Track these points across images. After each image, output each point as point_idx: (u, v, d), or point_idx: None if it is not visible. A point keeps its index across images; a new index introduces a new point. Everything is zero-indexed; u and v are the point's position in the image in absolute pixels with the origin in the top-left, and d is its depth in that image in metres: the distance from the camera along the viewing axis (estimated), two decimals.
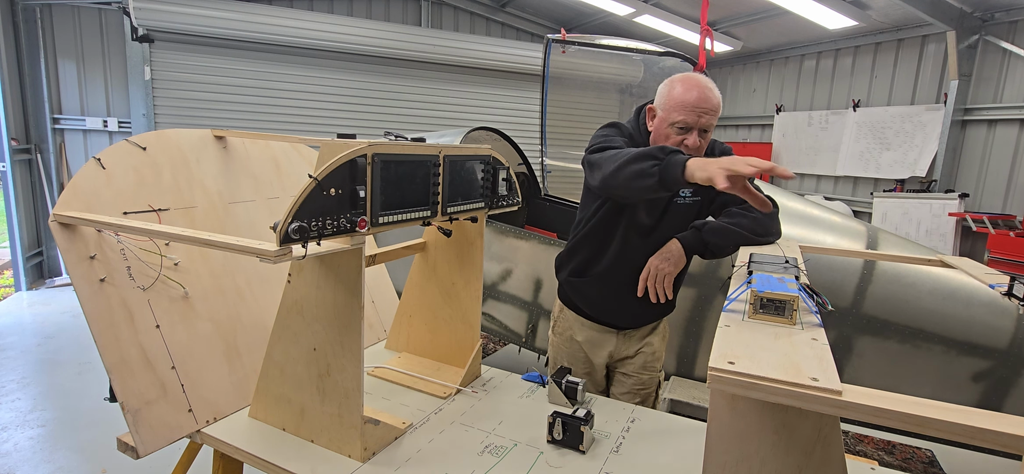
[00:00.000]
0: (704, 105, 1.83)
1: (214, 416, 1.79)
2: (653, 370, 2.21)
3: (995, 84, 6.91)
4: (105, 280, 1.67)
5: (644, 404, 2.20)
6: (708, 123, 1.86)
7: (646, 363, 2.19)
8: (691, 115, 1.83)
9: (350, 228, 1.42)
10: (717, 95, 1.88)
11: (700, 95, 1.83)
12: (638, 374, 2.20)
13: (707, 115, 1.84)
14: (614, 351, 2.22)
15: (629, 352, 2.21)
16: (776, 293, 1.12)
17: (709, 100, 1.84)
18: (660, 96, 1.94)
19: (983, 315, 2.52)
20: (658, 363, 2.22)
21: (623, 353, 2.22)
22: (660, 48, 3.50)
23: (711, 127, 1.88)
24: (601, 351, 2.23)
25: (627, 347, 2.21)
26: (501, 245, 3.52)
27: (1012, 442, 0.73)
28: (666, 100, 1.90)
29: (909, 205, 7.35)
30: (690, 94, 1.84)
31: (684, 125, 1.85)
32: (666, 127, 1.90)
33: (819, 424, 0.93)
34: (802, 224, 3.02)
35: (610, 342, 2.21)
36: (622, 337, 2.20)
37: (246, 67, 7.66)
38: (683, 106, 1.84)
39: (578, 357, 2.27)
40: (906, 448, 3.60)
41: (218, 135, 2.26)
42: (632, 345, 2.20)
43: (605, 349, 2.22)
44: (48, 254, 7.12)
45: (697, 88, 1.84)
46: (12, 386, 4.12)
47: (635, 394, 2.22)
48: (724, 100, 1.97)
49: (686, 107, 1.84)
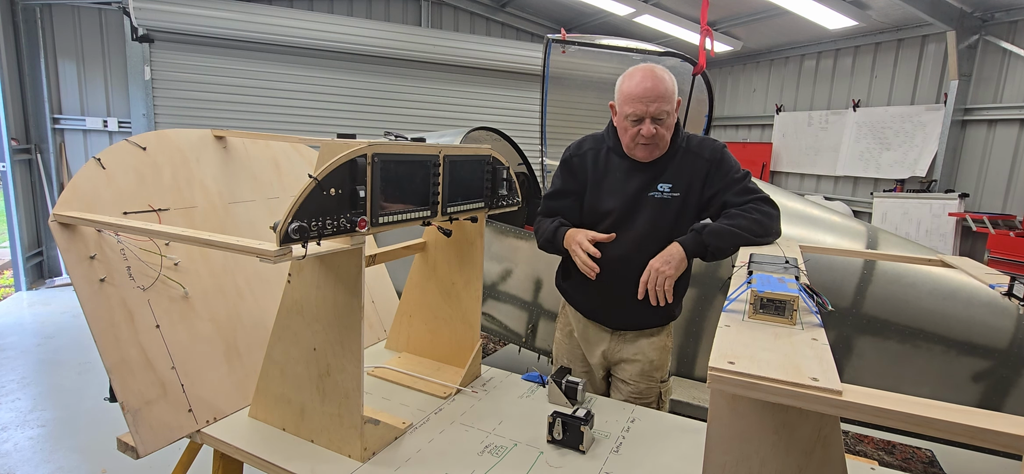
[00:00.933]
0: (651, 94, 1.87)
1: (214, 416, 1.79)
2: (652, 380, 2.17)
3: (995, 84, 6.91)
4: (105, 280, 1.67)
5: None
6: (659, 110, 1.89)
7: (643, 371, 2.16)
8: (639, 106, 1.89)
9: (350, 228, 1.42)
10: (667, 82, 1.90)
11: (646, 85, 1.88)
12: (635, 383, 2.17)
13: (657, 103, 1.88)
14: (608, 351, 2.20)
15: (624, 355, 2.18)
16: (776, 293, 1.12)
17: (656, 88, 1.87)
18: (615, 93, 2.01)
19: (983, 315, 2.52)
20: (657, 373, 2.17)
21: (618, 355, 2.19)
22: (660, 48, 3.49)
23: (666, 113, 1.91)
24: (595, 349, 2.22)
25: (621, 349, 2.18)
26: (501, 245, 3.52)
27: (1012, 442, 0.73)
28: (618, 95, 1.98)
29: (909, 205, 7.35)
30: (637, 86, 1.89)
31: (635, 117, 1.91)
32: (623, 121, 1.97)
33: (819, 424, 0.93)
34: (802, 224, 3.02)
35: (604, 341, 2.20)
36: (616, 337, 2.18)
37: (246, 67, 7.66)
38: (631, 98, 1.91)
39: (576, 354, 2.29)
40: (906, 448, 3.60)
41: (218, 135, 2.26)
42: (626, 348, 2.17)
43: (599, 347, 2.21)
44: (48, 254, 7.12)
45: (644, 79, 1.89)
46: (12, 386, 4.12)
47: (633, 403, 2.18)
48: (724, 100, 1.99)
49: (634, 99, 1.90)
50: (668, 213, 2.01)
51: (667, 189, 2.01)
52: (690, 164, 2.02)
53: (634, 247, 2.01)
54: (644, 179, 2.02)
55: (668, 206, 2.01)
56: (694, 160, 2.02)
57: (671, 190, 2.00)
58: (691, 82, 3.45)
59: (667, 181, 2.00)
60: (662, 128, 1.92)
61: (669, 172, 2.02)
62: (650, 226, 2.01)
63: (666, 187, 2.01)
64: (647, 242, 1.99)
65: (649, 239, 1.99)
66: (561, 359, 2.33)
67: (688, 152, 2.03)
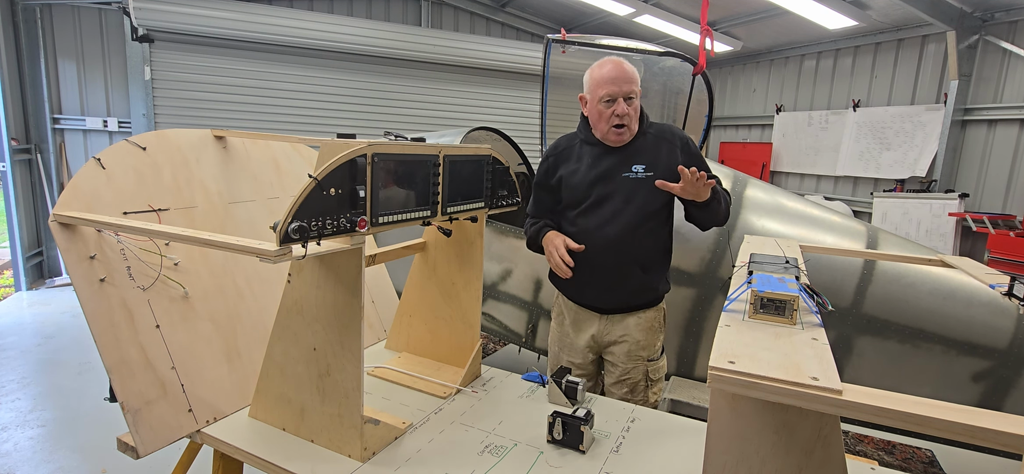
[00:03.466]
0: (621, 75, 2.08)
1: (214, 416, 1.79)
2: (638, 360, 2.24)
3: (995, 84, 6.91)
4: (105, 280, 1.67)
5: (634, 393, 2.25)
6: (631, 90, 2.08)
7: (630, 351, 2.23)
8: (612, 87, 2.07)
9: (350, 228, 1.42)
10: (632, 68, 2.12)
11: (615, 69, 2.09)
12: (623, 364, 2.25)
13: (627, 84, 2.08)
14: (597, 334, 2.27)
15: (612, 337, 2.25)
16: (776, 293, 1.12)
17: (624, 69, 2.09)
18: (585, 86, 2.19)
19: (983, 315, 2.52)
20: (644, 352, 2.24)
21: (607, 337, 2.26)
22: (660, 48, 3.49)
23: (635, 94, 2.10)
24: (584, 333, 2.30)
25: (610, 331, 2.25)
26: (501, 245, 3.52)
27: (1012, 442, 0.73)
28: (589, 84, 2.16)
29: (909, 205, 7.35)
30: (608, 72, 2.09)
31: (609, 97, 2.08)
32: (597, 106, 2.13)
33: (819, 424, 0.93)
34: (802, 224, 3.02)
35: (593, 324, 2.28)
36: (605, 320, 2.26)
37: (246, 67, 7.66)
38: (602, 82, 2.09)
39: (566, 342, 2.36)
40: (906, 448, 3.60)
41: (218, 135, 2.26)
42: (614, 330, 2.25)
43: (588, 331, 2.29)
44: (48, 254, 7.11)
45: (614, 66, 2.10)
46: (12, 386, 4.12)
47: (623, 383, 2.25)
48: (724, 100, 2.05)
49: (606, 81, 2.08)
50: (642, 190, 2.14)
51: (640, 170, 2.14)
52: (660, 147, 2.18)
53: (613, 223, 2.14)
54: (617, 160, 2.17)
55: (642, 185, 2.14)
56: (664, 144, 2.19)
57: (644, 170, 2.14)
58: (691, 82, 3.45)
59: (640, 163, 2.15)
60: (631, 109, 2.09)
61: (641, 155, 2.17)
62: (625, 202, 2.14)
63: (640, 168, 2.15)
64: (624, 217, 2.13)
65: (626, 214, 2.13)
66: (555, 348, 2.42)
67: (657, 137, 2.20)
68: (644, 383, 2.25)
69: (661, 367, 2.31)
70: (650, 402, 2.26)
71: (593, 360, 2.34)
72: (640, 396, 2.25)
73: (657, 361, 2.29)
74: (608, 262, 2.16)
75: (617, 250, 2.14)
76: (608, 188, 2.15)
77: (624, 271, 2.17)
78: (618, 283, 2.18)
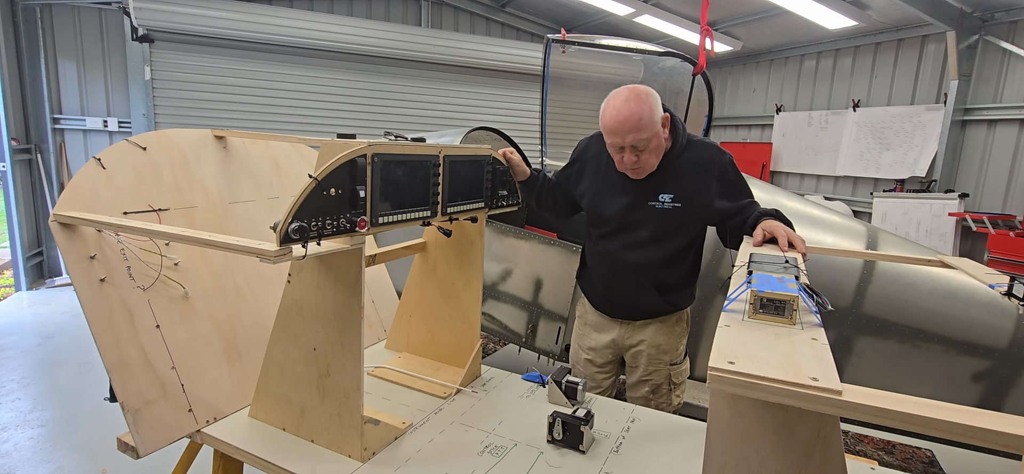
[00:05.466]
0: (626, 126, 1.84)
1: (214, 416, 1.79)
2: (660, 364, 2.24)
3: (995, 84, 6.90)
4: (105, 280, 1.67)
5: (656, 395, 2.25)
6: (637, 140, 1.86)
7: (651, 356, 2.24)
8: (615, 138, 1.90)
9: (350, 228, 1.42)
10: (644, 109, 1.84)
11: (621, 117, 1.84)
12: (645, 365, 2.25)
13: (633, 134, 1.85)
14: (618, 338, 2.28)
15: (632, 341, 2.26)
16: (776, 293, 1.12)
17: (627, 121, 1.84)
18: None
19: (983, 315, 2.52)
20: (666, 356, 2.23)
21: (627, 342, 2.27)
22: (660, 48, 3.49)
23: (643, 142, 1.87)
24: (606, 336, 2.31)
25: (630, 337, 2.26)
26: (501, 245, 3.52)
27: (1012, 442, 0.73)
28: (600, 123, 1.95)
29: (909, 205, 7.35)
30: (611, 119, 1.88)
31: (616, 146, 1.94)
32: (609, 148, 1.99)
33: (819, 424, 0.93)
34: (802, 224, 3.01)
35: (614, 329, 2.28)
36: (624, 327, 2.26)
37: (246, 67, 7.66)
38: (607, 131, 1.92)
39: (588, 342, 2.37)
40: (906, 448, 3.60)
41: (218, 135, 2.26)
42: (635, 335, 2.25)
43: (609, 334, 2.30)
44: (48, 254, 7.11)
45: (620, 108, 1.85)
46: (12, 386, 4.12)
47: (645, 383, 2.26)
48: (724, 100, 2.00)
49: (608, 131, 1.91)
50: (669, 223, 2.02)
51: (668, 199, 2.00)
52: (695, 177, 2.00)
53: (636, 251, 2.08)
54: (644, 188, 2.03)
55: (669, 217, 2.01)
56: (700, 174, 2.00)
57: (672, 200, 2.00)
58: (691, 82, 3.45)
59: (668, 191, 2.00)
60: (644, 154, 1.92)
61: (671, 182, 2.01)
62: (651, 235, 2.05)
63: (668, 197, 2.00)
64: (649, 249, 2.06)
65: (651, 247, 2.06)
66: (576, 345, 2.43)
67: (693, 164, 2.01)
68: (667, 386, 2.26)
69: (684, 370, 2.30)
70: (673, 406, 2.26)
71: (615, 360, 2.36)
72: (663, 398, 2.25)
73: (680, 365, 2.28)
74: (629, 284, 2.14)
75: (638, 275, 2.10)
76: (633, 217, 2.06)
77: (644, 297, 2.15)
78: (637, 303, 2.19)
